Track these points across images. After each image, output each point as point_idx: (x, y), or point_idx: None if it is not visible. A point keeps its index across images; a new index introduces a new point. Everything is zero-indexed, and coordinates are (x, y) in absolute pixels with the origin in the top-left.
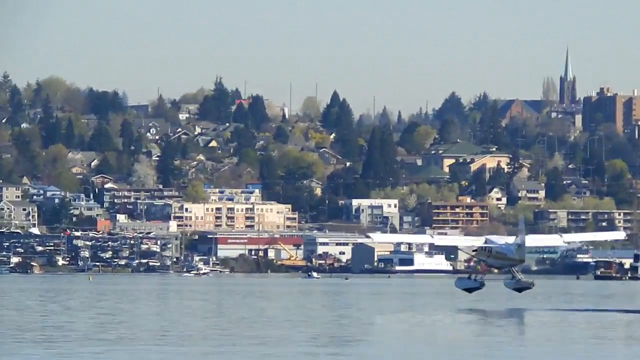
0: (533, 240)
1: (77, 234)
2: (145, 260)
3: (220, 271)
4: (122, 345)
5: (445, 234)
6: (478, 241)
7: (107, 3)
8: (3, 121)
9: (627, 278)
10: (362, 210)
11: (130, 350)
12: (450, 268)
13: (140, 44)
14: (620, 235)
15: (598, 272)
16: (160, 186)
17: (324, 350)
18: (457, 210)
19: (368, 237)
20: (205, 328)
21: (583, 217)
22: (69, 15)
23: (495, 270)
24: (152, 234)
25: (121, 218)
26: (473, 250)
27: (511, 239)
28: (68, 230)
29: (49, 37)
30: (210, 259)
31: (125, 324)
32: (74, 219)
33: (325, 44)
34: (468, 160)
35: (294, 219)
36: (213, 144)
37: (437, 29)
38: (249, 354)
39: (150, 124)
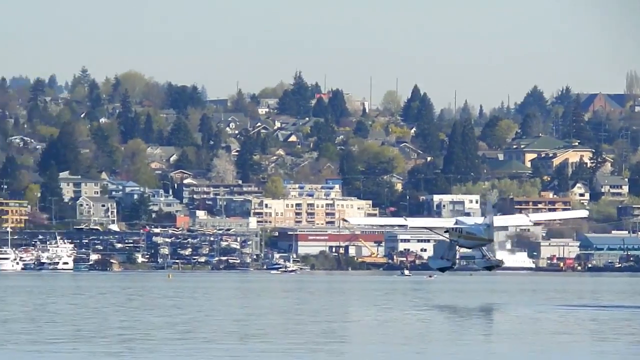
0: (500, 221)
1: (157, 230)
2: (225, 258)
3: (301, 268)
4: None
5: (528, 230)
6: (449, 222)
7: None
8: (82, 116)
9: None
10: (444, 205)
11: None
12: (533, 265)
13: (219, 38)
14: (583, 213)
15: None
16: (240, 182)
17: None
18: (540, 205)
19: (345, 220)
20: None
21: None
22: (146, 9)
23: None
24: (231, 230)
25: (200, 214)
26: (445, 231)
27: (480, 220)
28: (147, 226)
29: (128, 31)
30: (291, 256)
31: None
32: (153, 215)
33: (406, 37)
34: (550, 155)
35: (375, 215)
36: (293, 138)
37: (519, 23)
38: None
39: (230, 119)
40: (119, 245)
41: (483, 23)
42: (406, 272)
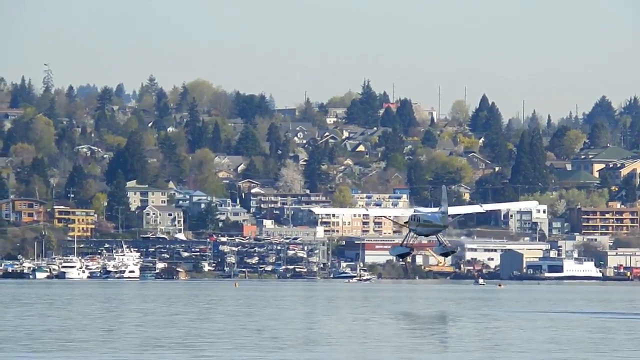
0: (454, 209)
1: (223, 239)
2: (291, 267)
3: (358, 277)
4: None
5: (595, 239)
6: (408, 212)
7: (256, 8)
8: (149, 125)
9: None
10: (511, 215)
11: None
12: (600, 275)
13: (287, 47)
14: (534, 204)
15: None
16: (307, 191)
17: None
18: (607, 216)
19: (311, 211)
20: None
21: None
22: (214, 18)
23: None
24: (298, 239)
25: (268, 223)
26: (405, 222)
27: (436, 209)
28: (214, 235)
29: (195, 40)
30: (358, 265)
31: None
32: (220, 224)
33: (474, 48)
34: (618, 165)
35: None
36: (361, 148)
37: (587, 33)
38: None
39: (298, 128)
40: (185, 254)
41: (551, 34)
42: (480, 281)
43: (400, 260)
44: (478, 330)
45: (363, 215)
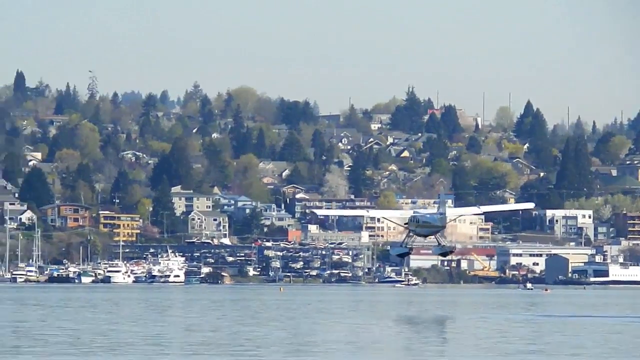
0: (453, 211)
1: (268, 244)
2: (336, 271)
3: (406, 282)
4: None
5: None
6: (407, 213)
7: (300, 15)
8: (193, 131)
9: None
10: (556, 220)
11: None
12: None
13: (331, 53)
14: (530, 205)
15: None
16: (352, 196)
17: None
18: None
19: (314, 213)
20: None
21: None
22: (258, 25)
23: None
24: (343, 244)
25: (312, 228)
26: (405, 224)
27: (434, 211)
28: (259, 240)
29: (239, 46)
30: (403, 270)
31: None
32: (265, 229)
33: (519, 53)
34: None
35: (487, 229)
36: (405, 154)
37: (630, 38)
38: None
39: (342, 134)
40: (230, 259)
41: (596, 39)
42: (528, 285)
43: (401, 259)
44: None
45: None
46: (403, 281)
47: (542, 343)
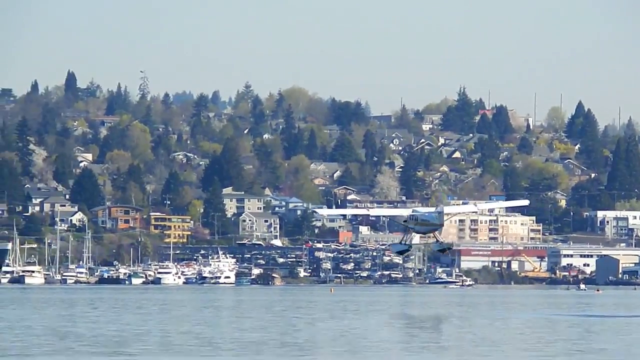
0: (450, 209)
1: (319, 245)
2: (387, 272)
3: (459, 283)
4: None
5: None
6: (407, 212)
7: (352, 15)
8: (245, 132)
9: None
10: (607, 221)
11: None
12: None
13: (382, 53)
14: (525, 202)
15: None
16: (403, 197)
17: None
18: None
19: (315, 212)
20: None
21: None
22: (309, 26)
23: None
24: None
25: (363, 230)
26: (404, 221)
27: (432, 209)
28: (310, 242)
29: (291, 47)
30: (453, 271)
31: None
32: (316, 230)
33: (569, 53)
34: None
35: (538, 230)
36: (456, 154)
37: None
38: None
39: (394, 135)
40: (281, 260)
41: None
42: (582, 286)
43: (400, 256)
44: None
45: (458, 220)
46: (456, 282)
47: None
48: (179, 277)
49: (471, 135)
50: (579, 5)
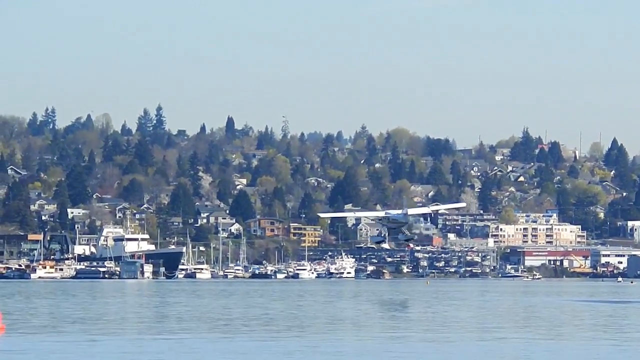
0: (412, 210)
1: (418, 248)
2: (469, 268)
3: (527, 277)
4: None
5: None
6: (381, 213)
7: (437, 69)
8: (361, 162)
9: None
10: (636, 229)
11: None
12: None
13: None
14: (462, 204)
15: None
16: (481, 211)
17: None
18: None
19: (319, 215)
20: None
21: None
22: (410, 73)
23: None
24: (474, 248)
25: (451, 236)
26: (378, 220)
27: (400, 211)
28: (411, 245)
29: (399, 95)
30: (519, 267)
31: None
32: (415, 236)
33: (608, 99)
34: None
35: (583, 236)
36: (521, 179)
37: None
38: None
39: (474, 164)
40: (389, 259)
41: None
42: (619, 279)
43: (377, 245)
44: None
45: (523, 228)
46: (523, 276)
47: None
48: (312, 273)
49: (532, 164)
50: (617, 65)
